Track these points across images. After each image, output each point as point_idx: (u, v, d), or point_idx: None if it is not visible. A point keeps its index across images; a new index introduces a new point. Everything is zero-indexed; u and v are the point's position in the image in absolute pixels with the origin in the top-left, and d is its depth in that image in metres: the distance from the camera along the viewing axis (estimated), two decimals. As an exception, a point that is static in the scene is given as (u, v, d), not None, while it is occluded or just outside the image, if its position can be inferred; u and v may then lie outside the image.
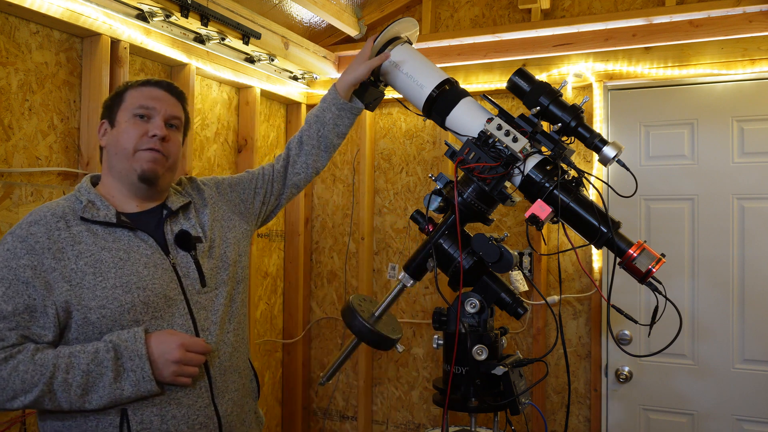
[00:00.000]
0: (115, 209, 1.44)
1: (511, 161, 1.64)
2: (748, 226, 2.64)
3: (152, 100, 1.49)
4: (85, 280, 1.34)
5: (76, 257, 1.35)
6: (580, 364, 2.86)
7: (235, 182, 1.74)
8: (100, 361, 1.29)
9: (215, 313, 1.49)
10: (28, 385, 1.25)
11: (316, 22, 3.17)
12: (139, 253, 1.42)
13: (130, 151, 1.45)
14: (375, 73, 1.81)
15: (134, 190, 1.49)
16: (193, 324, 1.44)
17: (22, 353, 1.27)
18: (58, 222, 1.38)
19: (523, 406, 1.70)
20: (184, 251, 1.48)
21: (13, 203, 1.93)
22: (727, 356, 2.65)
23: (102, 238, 1.40)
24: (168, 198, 1.55)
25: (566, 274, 2.89)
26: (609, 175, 2.72)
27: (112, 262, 1.37)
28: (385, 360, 3.29)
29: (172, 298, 1.42)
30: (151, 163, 1.45)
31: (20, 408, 1.29)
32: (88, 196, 1.45)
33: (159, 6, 2.26)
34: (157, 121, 1.48)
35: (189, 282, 1.47)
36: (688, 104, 2.75)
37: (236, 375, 1.53)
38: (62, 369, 1.27)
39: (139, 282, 1.38)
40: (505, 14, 3.11)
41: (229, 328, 1.53)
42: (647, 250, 1.55)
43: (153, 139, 1.45)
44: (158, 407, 1.35)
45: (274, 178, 1.77)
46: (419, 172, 3.24)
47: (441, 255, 1.75)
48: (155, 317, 1.38)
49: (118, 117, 1.48)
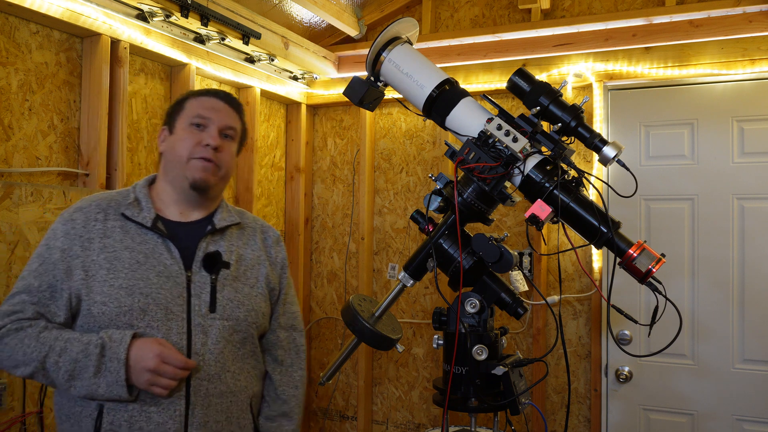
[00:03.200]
0: (156, 213, 1.47)
1: (511, 161, 1.64)
2: (748, 226, 2.64)
3: (209, 110, 1.52)
4: (98, 274, 1.38)
5: (100, 250, 1.40)
6: (580, 364, 2.86)
7: (281, 288, 1.67)
8: (88, 353, 1.32)
9: (216, 342, 1.44)
10: (27, 358, 1.33)
11: (316, 22, 3.17)
12: (158, 260, 1.42)
13: (185, 158, 1.48)
14: (375, 73, 1.81)
15: (184, 197, 1.51)
16: (188, 344, 1.41)
17: (32, 328, 1.35)
18: (98, 213, 1.44)
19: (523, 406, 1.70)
20: (206, 272, 1.47)
21: (13, 203, 1.93)
22: (727, 356, 2.65)
23: (131, 237, 1.43)
24: (216, 212, 1.56)
25: (566, 274, 2.89)
26: (609, 175, 2.72)
27: (129, 262, 1.40)
28: (385, 360, 3.29)
29: (173, 312, 1.41)
30: (203, 172, 1.48)
31: (21, 377, 1.38)
32: (137, 194, 1.50)
33: (159, 6, 2.26)
34: (212, 131, 1.50)
35: (198, 303, 1.44)
36: (688, 104, 2.75)
37: (223, 417, 1.45)
38: (56, 351, 1.33)
39: (144, 288, 1.39)
40: (505, 14, 3.11)
41: (230, 368, 1.47)
42: (647, 250, 1.55)
43: (206, 149, 1.48)
44: (129, 414, 1.35)
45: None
46: (419, 172, 3.24)
47: (441, 255, 1.75)
48: (150, 326, 1.38)
49: (177, 125, 1.52)
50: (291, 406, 1.63)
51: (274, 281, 1.61)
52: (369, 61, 1.84)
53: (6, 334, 1.35)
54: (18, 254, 1.93)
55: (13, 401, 1.92)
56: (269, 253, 1.62)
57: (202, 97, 1.55)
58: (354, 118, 3.39)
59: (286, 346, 1.65)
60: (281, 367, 1.64)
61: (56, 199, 2.04)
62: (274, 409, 1.61)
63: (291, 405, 1.63)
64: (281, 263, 1.65)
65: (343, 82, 3.29)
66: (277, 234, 1.68)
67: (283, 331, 1.65)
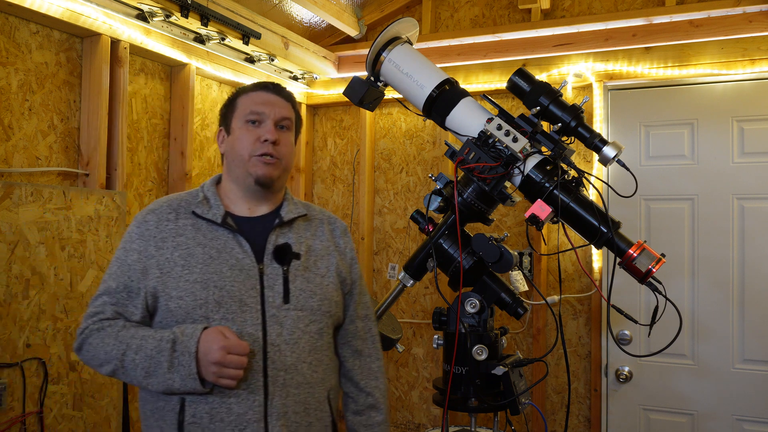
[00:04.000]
0: (225, 210, 1.50)
1: (511, 161, 1.64)
2: (748, 226, 2.64)
3: (262, 105, 1.54)
4: (174, 270, 1.42)
5: (174, 248, 1.45)
6: (580, 364, 2.86)
7: (353, 279, 1.65)
8: (161, 349, 1.35)
9: (291, 333, 1.45)
10: (108, 356, 1.39)
11: (316, 22, 3.18)
12: (230, 254, 1.45)
13: (246, 157, 1.50)
14: (375, 73, 1.81)
15: (250, 193, 1.54)
16: (263, 336, 1.43)
17: (111, 327, 1.41)
18: (169, 214, 1.50)
19: (523, 406, 1.70)
20: (278, 263, 1.49)
21: (13, 203, 1.93)
22: (727, 356, 2.65)
23: (202, 234, 1.47)
24: (283, 205, 1.58)
25: (566, 274, 2.89)
26: (609, 175, 2.71)
27: (202, 258, 1.44)
28: (385, 360, 3.28)
29: (247, 304, 1.43)
30: (265, 168, 1.50)
31: (107, 375, 1.43)
32: (206, 192, 1.53)
33: (159, 6, 2.26)
34: (268, 125, 1.52)
35: (272, 294, 1.46)
36: (688, 104, 2.75)
37: (301, 408, 1.46)
38: (133, 349, 1.37)
39: (218, 281, 1.42)
40: (505, 14, 3.11)
41: (307, 359, 1.47)
42: (647, 250, 1.55)
43: (265, 144, 1.50)
44: (210, 406, 1.38)
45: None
46: (419, 172, 3.24)
47: (441, 255, 1.75)
48: (226, 318, 1.41)
49: (233, 124, 1.55)
50: (376, 398, 1.62)
51: (345, 271, 1.60)
52: (369, 61, 1.84)
53: (89, 334, 1.42)
54: (18, 254, 1.93)
55: (13, 401, 1.92)
56: (338, 244, 1.62)
57: (253, 92, 1.57)
58: (354, 118, 3.39)
59: (364, 336, 1.64)
60: (360, 358, 1.63)
61: (56, 199, 2.04)
62: (361, 403, 1.61)
63: (376, 396, 1.62)
64: (350, 254, 1.65)
65: (343, 82, 3.29)
66: (344, 225, 1.68)
67: (360, 321, 1.64)
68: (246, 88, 1.60)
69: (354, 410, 1.62)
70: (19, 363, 1.92)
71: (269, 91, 1.57)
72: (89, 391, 2.13)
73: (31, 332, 1.95)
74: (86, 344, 1.42)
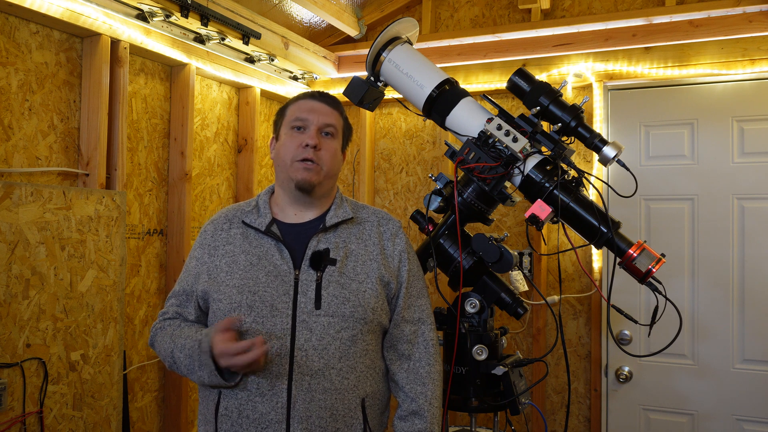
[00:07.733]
0: (272, 217, 1.57)
1: (511, 161, 1.64)
2: (748, 226, 2.64)
3: (307, 112, 1.58)
4: (219, 276, 1.53)
5: (222, 255, 1.55)
6: (580, 364, 2.86)
7: (400, 282, 1.62)
8: (193, 349, 1.45)
9: (320, 339, 1.46)
10: (165, 353, 1.54)
11: (316, 22, 3.17)
12: (270, 261, 1.51)
13: (288, 162, 1.55)
14: (375, 73, 1.81)
15: (295, 199, 1.58)
16: (291, 340, 1.45)
17: (170, 326, 1.57)
18: (224, 224, 1.61)
19: (523, 406, 1.70)
20: (313, 269, 1.50)
21: (13, 203, 1.93)
22: (727, 356, 2.65)
23: (249, 242, 1.55)
24: (330, 210, 1.59)
25: (566, 274, 2.89)
26: (609, 175, 2.71)
27: (244, 264, 1.52)
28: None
29: (278, 310, 1.46)
30: (305, 173, 1.53)
31: (169, 369, 1.62)
32: (258, 201, 1.62)
33: (159, 6, 2.26)
34: (311, 131, 1.55)
35: (305, 300, 1.47)
36: (688, 104, 2.75)
37: (327, 413, 1.45)
38: (179, 347, 1.49)
39: (254, 286, 1.48)
40: (505, 14, 3.11)
41: (336, 365, 1.46)
42: (647, 250, 1.55)
43: (306, 149, 1.53)
44: (239, 402, 1.46)
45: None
46: (419, 172, 3.24)
47: (441, 255, 1.76)
48: (256, 321, 1.46)
49: (281, 131, 1.61)
50: (420, 404, 1.55)
51: (388, 276, 1.56)
52: (369, 61, 1.84)
53: (156, 333, 1.60)
54: (18, 254, 1.93)
55: (13, 401, 1.92)
56: (384, 247, 1.59)
57: (300, 101, 1.62)
58: (354, 118, 3.39)
59: (412, 340, 1.60)
60: (407, 362, 1.58)
61: (56, 199, 2.04)
62: (405, 408, 1.58)
63: (420, 402, 1.55)
64: (398, 256, 1.60)
65: (343, 82, 3.29)
66: (397, 225, 1.65)
67: (408, 324, 1.60)
68: (296, 96, 1.66)
69: (399, 415, 1.59)
70: (19, 363, 1.92)
71: (315, 99, 1.62)
72: (89, 391, 2.13)
73: (31, 332, 1.95)
74: (155, 341, 1.59)
